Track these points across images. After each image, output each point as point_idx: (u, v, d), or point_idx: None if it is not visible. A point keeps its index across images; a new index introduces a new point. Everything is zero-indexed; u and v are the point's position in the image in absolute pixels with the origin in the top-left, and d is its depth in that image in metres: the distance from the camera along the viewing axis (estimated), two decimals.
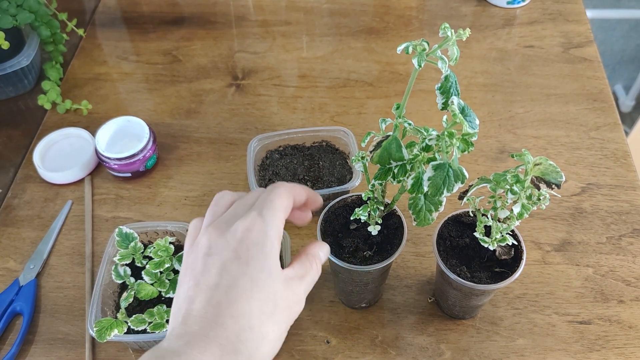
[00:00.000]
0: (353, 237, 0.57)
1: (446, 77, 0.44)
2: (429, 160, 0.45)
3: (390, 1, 1.02)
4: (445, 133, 0.43)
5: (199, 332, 0.38)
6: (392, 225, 0.57)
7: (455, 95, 0.44)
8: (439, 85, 0.45)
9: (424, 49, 0.42)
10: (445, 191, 0.43)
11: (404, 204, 0.60)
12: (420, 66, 0.42)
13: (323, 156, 0.77)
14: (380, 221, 0.56)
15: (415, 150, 0.46)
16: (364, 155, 0.52)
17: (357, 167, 0.53)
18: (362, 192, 0.58)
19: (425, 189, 0.43)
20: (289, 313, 0.41)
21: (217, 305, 0.39)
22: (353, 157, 0.53)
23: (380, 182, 0.49)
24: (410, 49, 0.42)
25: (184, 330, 0.38)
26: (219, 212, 0.44)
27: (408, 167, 0.46)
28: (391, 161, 0.45)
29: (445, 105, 0.45)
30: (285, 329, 0.41)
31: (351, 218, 0.56)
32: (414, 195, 0.46)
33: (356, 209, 0.55)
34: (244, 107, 0.87)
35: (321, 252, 0.46)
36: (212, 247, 0.41)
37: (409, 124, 0.48)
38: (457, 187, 0.43)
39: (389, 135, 0.47)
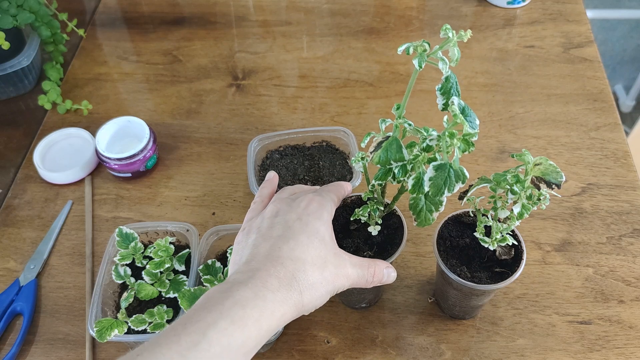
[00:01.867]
0: (353, 238, 0.57)
1: (447, 78, 0.44)
2: (430, 160, 0.45)
3: (391, 1, 1.03)
4: (446, 133, 0.43)
5: (261, 268, 0.45)
6: (392, 225, 0.57)
7: (455, 96, 0.44)
8: (440, 86, 0.45)
9: (425, 50, 0.42)
10: (446, 191, 0.43)
11: (404, 204, 0.60)
12: (420, 67, 0.42)
13: (323, 156, 0.77)
14: (380, 221, 0.56)
15: (416, 151, 0.46)
16: (363, 156, 0.52)
17: (357, 167, 0.53)
18: (362, 192, 0.58)
19: (427, 189, 0.43)
20: (334, 279, 0.48)
21: (279, 249, 0.47)
22: (353, 158, 0.53)
23: (380, 182, 0.49)
24: (411, 50, 0.42)
25: (248, 268, 0.46)
26: (284, 197, 0.54)
27: (408, 168, 0.46)
28: (392, 162, 0.46)
29: (445, 106, 0.45)
30: (330, 290, 0.47)
31: (351, 219, 0.56)
32: (414, 195, 0.47)
33: (356, 210, 0.55)
34: (245, 107, 0.87)
35: (387, 269, 0.52)
36: (279, 212, 0.51)
37: (409, 125, 0.48)
38: (458, 187, 0.43)
39: (389, 136, 0.47)
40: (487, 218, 0.54)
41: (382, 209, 0.55)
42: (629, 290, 0.66)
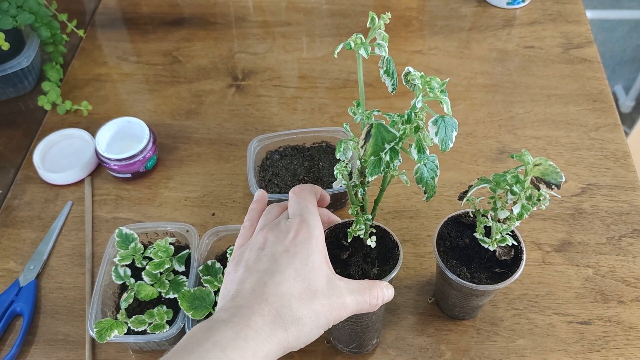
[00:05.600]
0: (353, 265, 0.54)
1: (388, 60, 0.46)
2: (416, 129, 0.45)
3: (391, 2, 1.03)
4: (428, 90, 0.43)
5: (245, 305, 0.44)
6: (377, 235, 0.55)
7: (394, 73, 0.46)
8: (384, 69, 0.46)
9: (362, 41, 0.44)
10: (449, 142, 0.43)
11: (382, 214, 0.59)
12: (367, 55, 0.44)
13: (323, 157, 0.77)
14: (374, 231, 0.54)
15: (401, 127, 0.46)
16: (346, 164, 0.49)
17: (336, 185, 0.50)
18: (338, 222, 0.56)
19: (436, 142, 0.43)
20: (327, 311, 0.45)
21: (264, 285, 0.45)
22: (335, 171, 0.49)
23: (376, 174, 0.47)
24: (352, 44, 0.44)
25: (232, 305, 0.44)
26: (270, 219, 0.51)
27: (398, 148, 0.46)
28: (385, 145, 0.45)
29: (394, 87, 0.46)
30: (322, 323, 0.45)
31: (348, 240, 0.53)
32: (419, 166, 0.46)
33: (349, 230, 0.52)
34: (244, 108, 0.87)
35: (387, 289, 0.50)
36: (266, 243, 0.48)
37: (378, 111, 0.48)
38: (454, 135, 0.43)
39: (371, 125, 0.46)
40: (487, 218, 0.54)
41: (370, 217, 0.53)
42: (629, 290, 0.66)
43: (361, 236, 0.53)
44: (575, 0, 1.00)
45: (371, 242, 0.53)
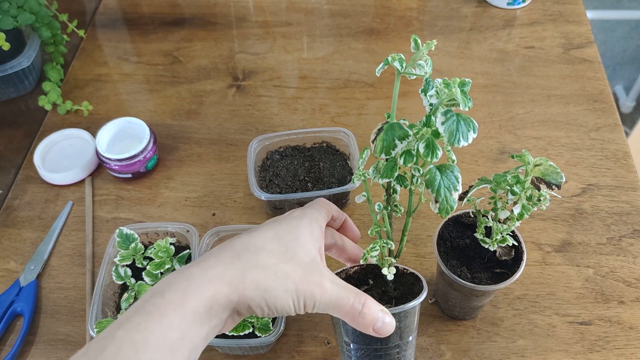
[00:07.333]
0: None
1: (427, 80, 0.45)
2: (433, 133, 0.43)
3: (391, 2, 1.03)
4: (442, 87, 0.42)
5: (207, 254, 0.42)
6: (407, 282, 0.52)
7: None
8: (423, 88, 0.45)
9: (401, 58, 0.44)
10: (461, 138, 0.40)
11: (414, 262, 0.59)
12: (402, 68, 0.44)
13: (323, 157, 0.77)
14: (394, 261, 0.51)
15: (418, 126, 0.44)
16: (364, 172, 0.48)
17: (359, 199, 0.49)
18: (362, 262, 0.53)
19: (442, 133, 0.40)
20: (299, 280, 0.41)
21: (238, 238, 0.43)
22: (354, 176, 0.48)
23: (388, 179, 0.45)
24: (390, 59, 0.44)
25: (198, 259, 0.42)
26: None
27: (413, 152, 0.44)
28: (396, 141, 0.43)
29: (432, 106, 0.45)
30: (292, 288, 0.41)
31: (360, 261, 0.51)
32: (430, 166, 0.43)
33: (366, 250, 0.49)
34: (245, 108, 0.87)
35: (382, 313, 0.44)
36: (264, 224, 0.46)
37: (404, 120, 0.47)
38: (471, 137, 0.41)
39: (387, 122, 0.45)
40: (488, 219, 0.54)
41: (392, 248, 0.50)
42: (629, 291, 0.66)
43: (374, 261, 0.50)
44: (575, 1, 1.00)
45: (388, 273, 0.50)
